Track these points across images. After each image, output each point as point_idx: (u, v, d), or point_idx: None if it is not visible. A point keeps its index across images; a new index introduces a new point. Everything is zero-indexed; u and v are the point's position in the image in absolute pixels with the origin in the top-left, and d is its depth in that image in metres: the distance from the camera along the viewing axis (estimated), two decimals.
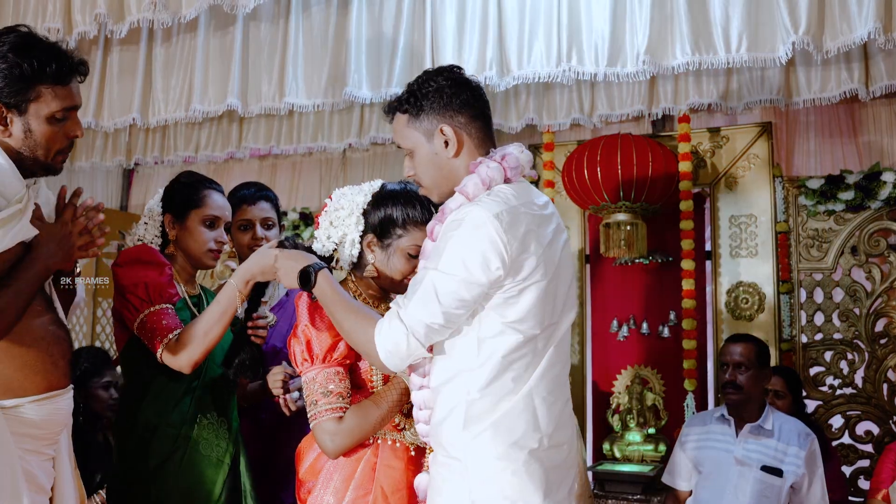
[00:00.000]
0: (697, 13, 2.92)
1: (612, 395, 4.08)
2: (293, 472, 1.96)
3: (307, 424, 1.85)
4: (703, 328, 4.01)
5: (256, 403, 2.54)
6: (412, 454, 1.88)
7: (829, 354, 3.81)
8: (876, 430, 3.70)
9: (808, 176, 3.94)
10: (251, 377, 2.32)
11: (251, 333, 2.16)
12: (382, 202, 1.94)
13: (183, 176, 2.39)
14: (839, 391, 3.78)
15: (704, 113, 4.07)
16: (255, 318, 2.16)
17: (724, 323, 3.90)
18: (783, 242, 3.87)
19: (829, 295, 3.84)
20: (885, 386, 3.71)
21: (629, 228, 3.80)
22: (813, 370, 3.83)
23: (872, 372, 3.72)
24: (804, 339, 3.85)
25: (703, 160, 4.01)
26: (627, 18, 2.99)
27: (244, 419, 2.47)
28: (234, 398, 2.35)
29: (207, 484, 2.16)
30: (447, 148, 1.76)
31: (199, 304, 2.34)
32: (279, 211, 2.75)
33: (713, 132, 4.03)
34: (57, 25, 3.32)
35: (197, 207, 2.30)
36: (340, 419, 1.79)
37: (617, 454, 3.84)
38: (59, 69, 1.84)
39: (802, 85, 3.56)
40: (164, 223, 2.33)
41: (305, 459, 1.93)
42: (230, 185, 5.36)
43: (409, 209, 1.91)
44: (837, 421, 3.78)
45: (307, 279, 1.81)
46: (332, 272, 1.86)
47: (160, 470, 2.11)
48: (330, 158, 5.16)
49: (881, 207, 3.75)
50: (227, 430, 2.26)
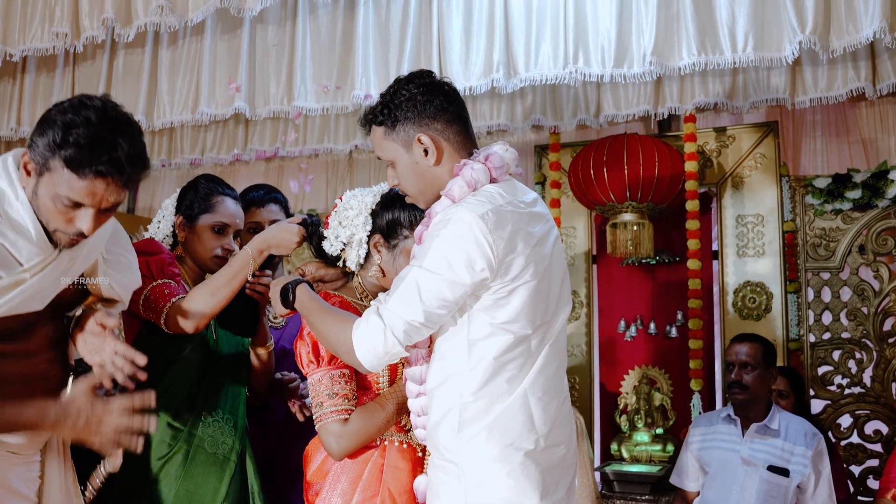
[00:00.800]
0: (703, 14, 2.92)
1: (619, 395, 4.08)
2: (301, 473, 1.96)
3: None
4: (710, 328, 4.00)
5: (265, 404, 2.54)
6: (419, 455, 1.88)
7: (837, 354, 3.80)
8: (885, 429, 3.69)
9: (814, 175, 3.93)
10: (243, 332, 2.30)
11: (250, 288, 2.15)
12: (391, 203, 1.94)
13: (202, 178, 2.37)
14: (847, 390, 3.77)
15: (710, 112, 4.06)
16: (257, 274, 2.13)
17: (731, 323, 3.89)
18: (790, 242, 3.87)
19: (836, 294, 3.83)
20: (893, 385, 3.69)
21: (636, 228, 3.80)
22: (821, 369, 3.82)
23: (881, 371, 3.71)
24: (812, 338, 3.84)
25: (709, 160, 4.01)
26: (633, 20, 2.99)
27: (252, 420, 2.47)
28: (242, 396, 2.34)
29: (213, 482, 2.16)
30: (427, 156, 1.72)
31: None
32: (288, 212, 2.75)
33: (719, 132, 4.03)
34: (65, 30, 3.34)
35: (207, 213, 2.29)
36: (346, 421, 1.79)
37: (625, 454, 3.84)
38: (77, 155, 1.59)
39: (809, 84, 3.55)
40: (175, 224, 2.32)
41: (313, 461, 1.92)
42: (236, 187, 5.44)
43: (416, 211, 1.91)
44: (846, 420, 3.77)
45: (286, 296, 1.83)
46: (311, 286, 1.86)
47: (165, 468, 2.11)
48: (336, 160, 5.17)
49: (889, 206, 3.73)
50: (233, 428, 2.25)
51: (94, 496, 2.49)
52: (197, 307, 2.04)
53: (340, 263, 2.01)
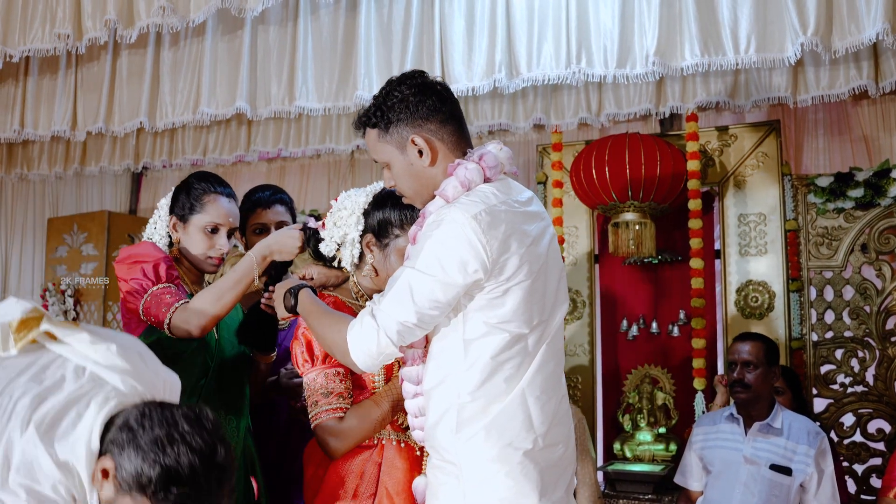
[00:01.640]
0: (706, 14, 2.91)
1: (622, 394, 4.08)
2: (301, 473, 1.96)
3: None
4: (712, 327, 4.00)
5: (270, 405, 2.54)
6: (417, 454, 1.88)
7: (839, 352, 3.80)
8: (888, 427, 3.69)
9: (816, 174, 3.92)
10: (263, 347, 2.30)
11: (265, 303, 2.14)
12: (381, 203, 1.95)
13: (193, 177, 2.31)
14: (850, 389, 3.77)
15: (712, 111, 4.06)
16: (270, 290, 2.11)
17: (733, 322, 3.89)
18: (792, 240, 3.87)
19: (839, 293, 3.83)
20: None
21: (638, 228, 3.80)
22: (824, 368, 3.82)
23: (884, 370, 3.71)
24: (815, 337, 3.84)
25: (711, 159, 4.01)
26: (636, 20, 2.99)
27: (257, 420, 2.47)
28: (245, 396, 2.34)
29: None
30: (421, 157, 1.72)
31: None
32: (294, 213, 2.75)
33: (721, 131, 4.02)
34: (67, 31, 3.34)
35: (199, 213, 2.24)
36: (341, 419, 1.80)
37: (628, 454, 3.84)
38: None
39: (811, 82, 3.55)
40: (169, 225, 2.29)
41: (313, 462, 1.93)
42: (239, 188, 5.45)
43: (407, 210, 1.90)
44: (849, 419, 3.77)
45: (289, 301, 1.84)
46: (314, 290, 1.86)
47: None
48: (338, 160, 5.17)
49: (891, 204, 3.73)
50: (235, 428, 2.25)
51: None
52: (202, 312, 2.03)
53: (336, 264, 2.01)
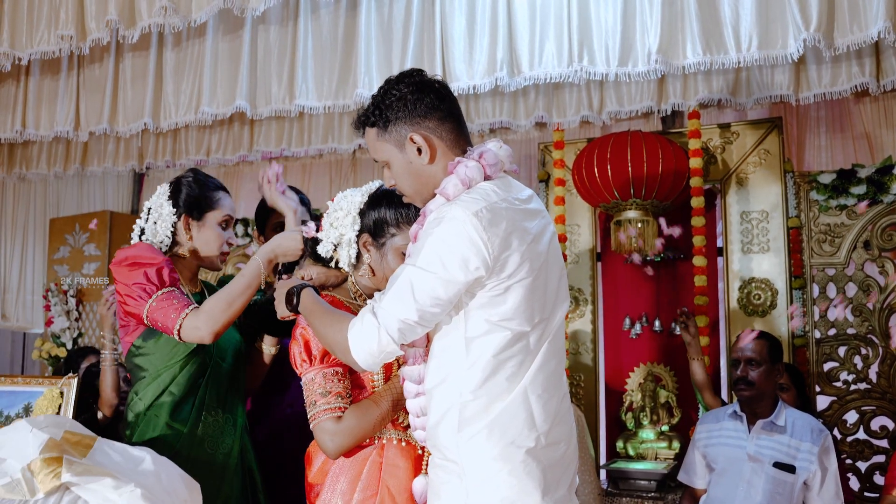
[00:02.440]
0: (707, 12, 2.91)
1: (625, 392, 4.08)
2: (303, 474, 1.96)
3: None
4: (715, 325, 4.00)
5: (267, 404, 2.55)
6: (419, 453, 1.87)
7: (842, 350, 3.79)
8: (891, 425, 3.68)
9: (819, 171, 3.92)
10: (284, 333, 2.32)
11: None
12: (377, 202, 1.94)
13: (194, 177, 2.35)
14: (853, 386, 3.76)
15: (714, 109, 4.05)
16: (285, 277, 2.14)
17: (736, 319, 3.89)
18: (795, 238, 3.86)
19: (841, 290, 3.82)
20: None
21: (640, 226, 3.80)
22: (827, 365, 3.81)
23: (887, 367, 3.71)
24: (817, 334, 3.83)
25: (713, 156, 4.01)
26: (638, 18, 2.99)
27: (255, 419, 2.47)
28: (242, 394, 2.35)
29: (214, 482, 2.15)
30: (420, 155, 1.72)
31: (202, 301, 2.30)
32: (311, 212, 2.79)
33: (723, 128, 4.02)
34: (70, 33, 3.34)
35: (214, 209, 2.31)
36: (339, 419, 1.79)
37: (630, 452, 3.84)
38: None
39: (813, 80, 3.55)
40: (175, 224, 2.29)
41: (314, 462, 1.92)
42: (242, 188, 5.46)
43: (403, 209, 1.90)
44: (852, 416, 3.77)
45: (290, 300, 1.84)
46: (317, 290, 1.87)
47: None
48: (340, 160, 5.17)
49: (894, 201, 3.73)
50: (233, 427, 2.25)
51: None
52: (214, 318, 2.06)
53: (333, 264, 2.01)
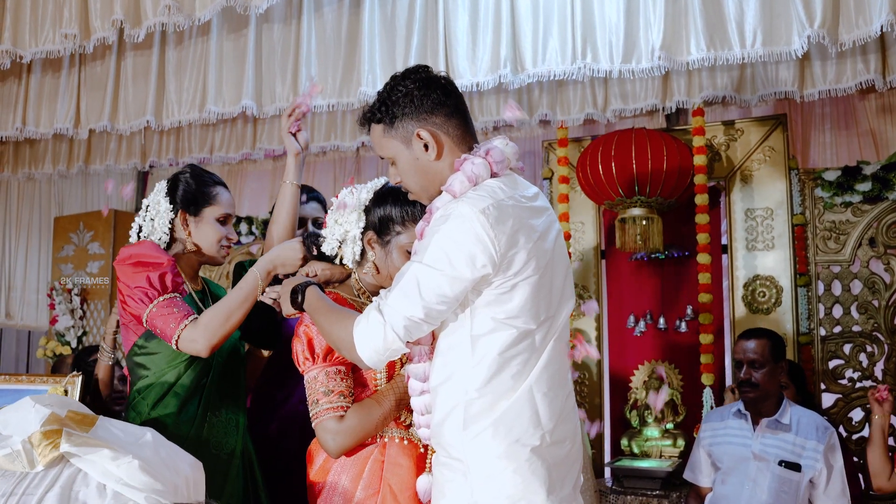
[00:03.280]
0: (711, 8, 2.91)
1: (629, 390, 4.08)
2: (304, 472, 1.96)
3: None
4: (720, 322, 3.99)
5: (268, 403, 2.54)
6: (421, 451, 1.86)
7: (848, 347, 3.78)
8: None
9: (824, 168, 3.91)
10: (266, 345, 2.31)
11: (272, 299, 2.14)
12: (383, 199, 1.93)
13: (190, 172, 2.34)
14: (859, 384, 3.75)
15: (718, 106, 4.05)
16: (281, 278, 2.13)
17: (741, 317, 3.88)
18: (800, 235, 3.85)
19: (847, 287, 3.81)
20: None
21: (644, 223, 3.79)
22: (832, 363, 3.80)
23: (892, 364, 3.69)
24: (822, 332, 3.82)
25: (717, 154, 3.99)
26: (641, 14, 2.98)
27: (257, 419, 2.47)
28: (243, 395, 2.34)
29: (217, 482, 2.15)
30: (427, 151, 1.71)
31: (204, 298, 2.33)
32: (327, 210, 2.80)
33: (727, 125, 4.01)
34: (74, 31, 3.35)
35: (211, 205, 2.29)
36: (342, 418, 1.78)
37: (635, 450, 3.83)
38: None
39: (817, 76, 3.53)
40: (173, 220, 2.28)
41: (316, 461, 1.92)
42: (245, 186, 5.47)
43: (408, 206, 1.89)
44: (857, 414, 3.76)
45: (295, 298, 1.84)
46: (321, 288, 1.86)
47: None
48: (344, 157, 5.17)
49: None
50: (235, 427, 2.25)
51: None
52: (212, 331, 2.05)
53: (337, 261, 2.01)
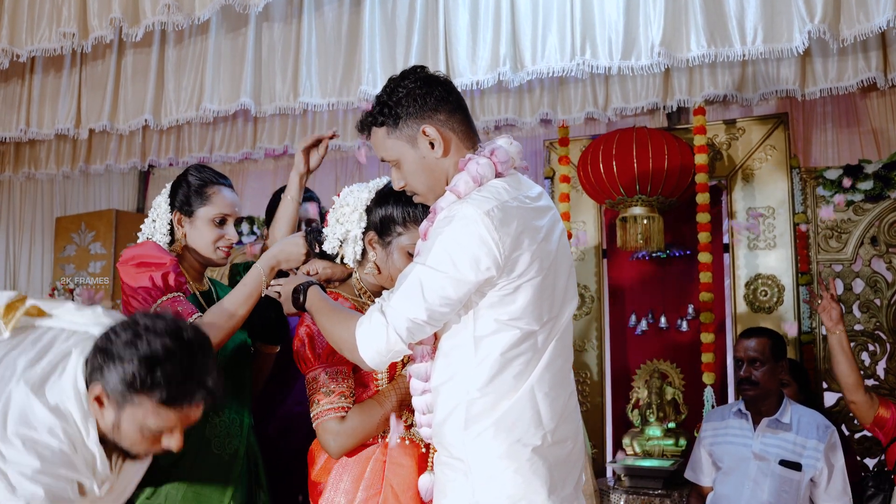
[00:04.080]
0: (712, 5, 2.90)
1: (631, 389, 4.07)
2: (304, 472, 1.95)
3: None
4: (721, 321, 3.98)
5: (270, 403, 2.54)
6: (423, 451, 1.86)
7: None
8: None
9: (825, 166, 3.90)
10: (275, 340, 2.29)
11: (275, 291, 2.12)
12: (384, 199, 1.92)
13: (191, 171, 2.32)
14: None
15: (720, 105, 4.03)
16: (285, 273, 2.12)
17: (742, 316, 3.87)
18: (801, 234, 3.84)
19: (848, 286, 3.80)
20: None
21: (646, 222, 3.78)
22: None
23: (894, 363, 3.68)
24: (824, 331, 3.81)
25: (719, 152, 3.99)
26: (641, 11, 2.98)
27: (260, 418, 2.46)
28: (248, 395, 2.33)
29: (221, 482, 2.15)
30: (434, 149, 1.70)
31: (209, 299, 2.30)
32: (322, 211, 2.78)
33: (729, 124, 4.00)
34: (72, 30, 3.34)
35: (205, 205, 2.25)
36: (343, 419, 1.78)
37: (637, 449, 3.82)
38: (172, 393, 1.58)
39: (819, 74, 3.52)
40: (171, 221, 2.28)
41: (317, 461, 1.92)
42: (246, 186, 5.46)
43: (410, 207, 1.88)
44: None
45: (297, 297, 1.83)
46: (323, 287, 1.85)
47: (172, 470, 2.08)
48: (345, 157, 5.16)
49: None
50: (239, 427, 2.24)
51: None
52: (216, 329, 2.02)
53: (339, 260, 2.00)
